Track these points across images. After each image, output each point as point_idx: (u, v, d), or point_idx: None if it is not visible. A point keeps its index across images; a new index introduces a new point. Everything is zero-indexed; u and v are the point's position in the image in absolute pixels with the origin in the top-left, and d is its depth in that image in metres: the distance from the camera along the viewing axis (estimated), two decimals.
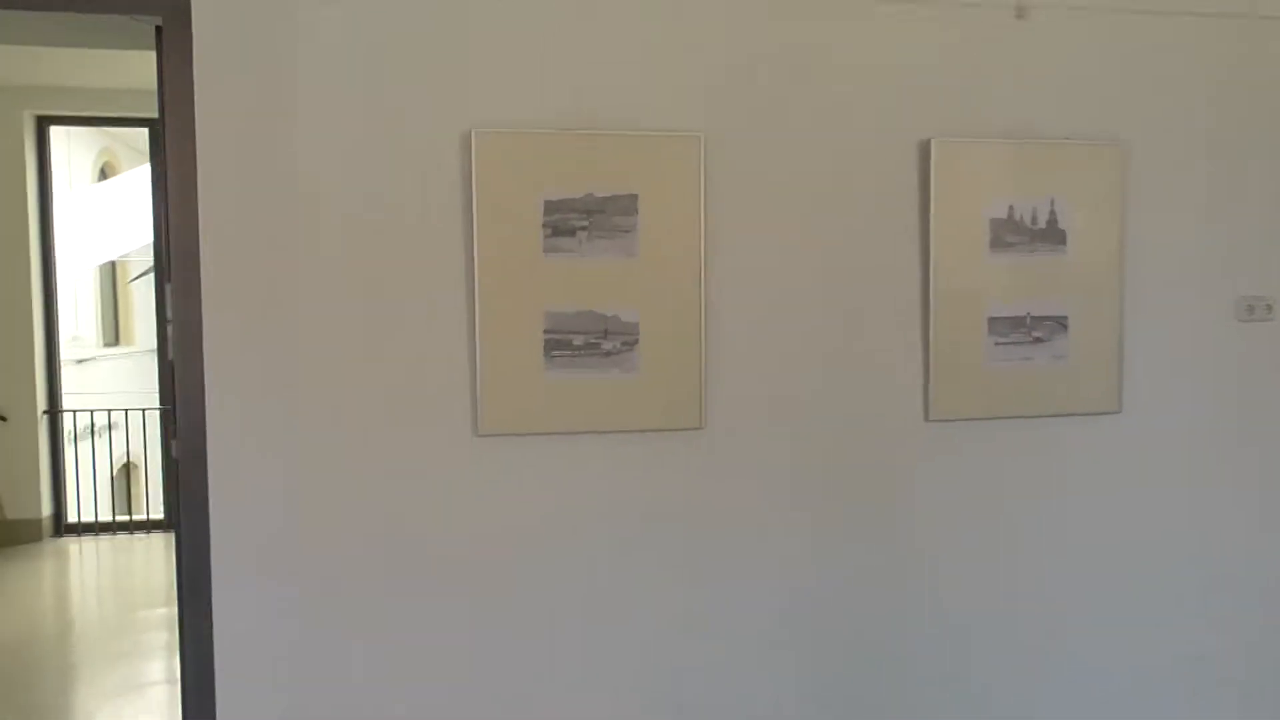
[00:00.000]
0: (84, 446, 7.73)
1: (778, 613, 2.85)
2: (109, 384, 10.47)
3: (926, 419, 2.87)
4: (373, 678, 2.66)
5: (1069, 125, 2.91)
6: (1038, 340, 2.89)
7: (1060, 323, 2.90)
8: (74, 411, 7.34)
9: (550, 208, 2.64)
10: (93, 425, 7.88)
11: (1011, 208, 2.85)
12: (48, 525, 6.99)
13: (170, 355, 2.61)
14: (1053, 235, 2.88)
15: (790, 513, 2.83)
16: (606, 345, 2.68)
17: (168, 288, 2.59)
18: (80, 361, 9.78)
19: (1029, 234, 2.87)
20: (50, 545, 6.87)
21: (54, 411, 7.08)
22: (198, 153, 2.54)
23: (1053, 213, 2.88)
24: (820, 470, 2.84)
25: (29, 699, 4.34)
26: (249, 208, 2.55)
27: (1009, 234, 2.86)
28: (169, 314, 2.60)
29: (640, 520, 2.76)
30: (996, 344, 2.87)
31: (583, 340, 2.67)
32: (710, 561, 2.80)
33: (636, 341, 2.69)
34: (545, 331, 2.65)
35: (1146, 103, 2.97)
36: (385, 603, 2.65)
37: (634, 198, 2.67)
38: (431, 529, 2.67)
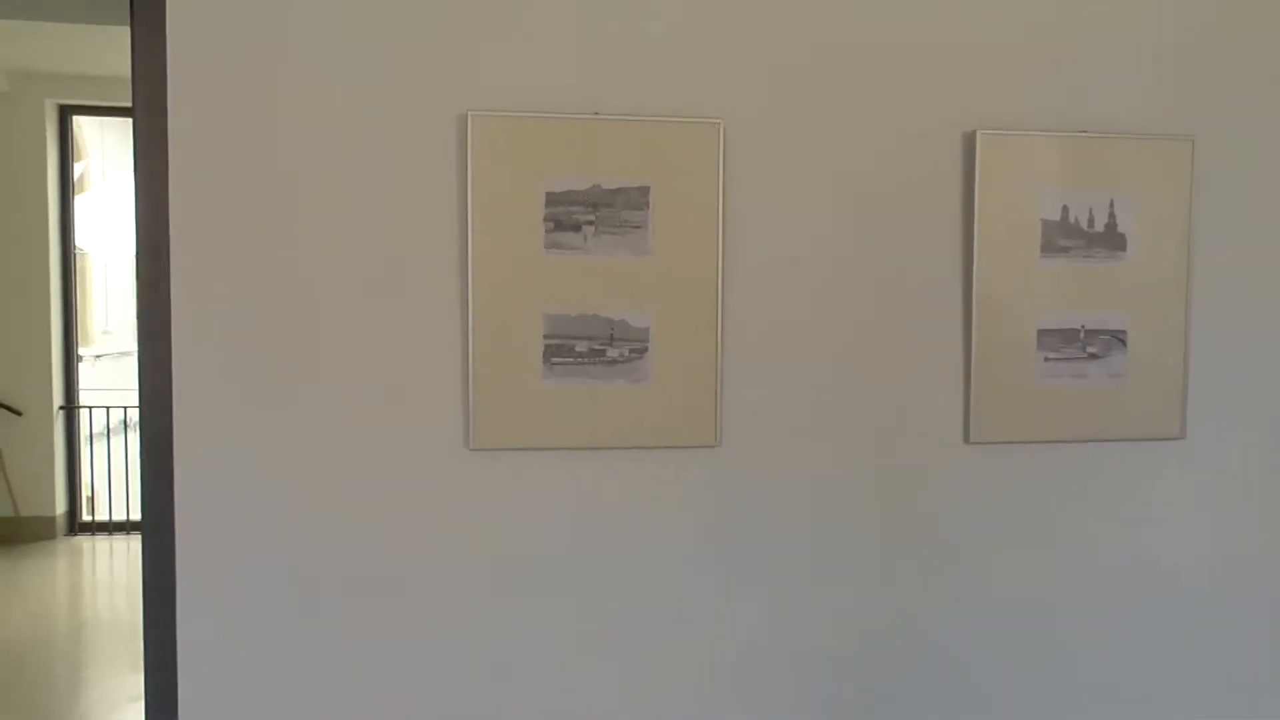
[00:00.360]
0: (115, 442, 7.60)
1: (799, 647, 2.58)
2: None
3: (966, 440, 2.60)
4: (346, 703, 2.43)
5: (1133, 117, 2.62)
6: (1093, 356, 2.61)
7: (1118, 337, 2.62)
8: (90, 408, 7.21)
9: (552, 200, 2.40)
10: (108, 421, 7.75)
11: (1066, 208, 2.58)
12: (62, 523, 6.87)
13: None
14: (1111, 239, 2.60)
15: (813, 540, 2.57)
16: (613, 352, 2.44)
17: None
18: (99, 357, 9.68)
19: (1085, 237, 2.59)
20: (64, 544, 6.75)
21: (70, 407, 6.95)
22: (169, 136, 2.33)
23: (1112, 214, 2.60)
24: (847, 495, 2.58)
25: (35, 701, 4.17)
26: (223, 196, 2.33)
27: (1062, 237, 2.58)
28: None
29: (647, 544, 2.51)
30: (1046, 359, 2.59)
31: (586, 346, 2.43)
32: (724, 591, 2.55)
33: (646, 349, 2.45)
34: (545, 336, 2.42)
35: (1221, 92, 2.67)
36: (365, 626, 2.42)
37: (645, 190, 2.43)
38: (417, 549, 2.43)
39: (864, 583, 2.60)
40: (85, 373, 7.17)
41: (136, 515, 7.40)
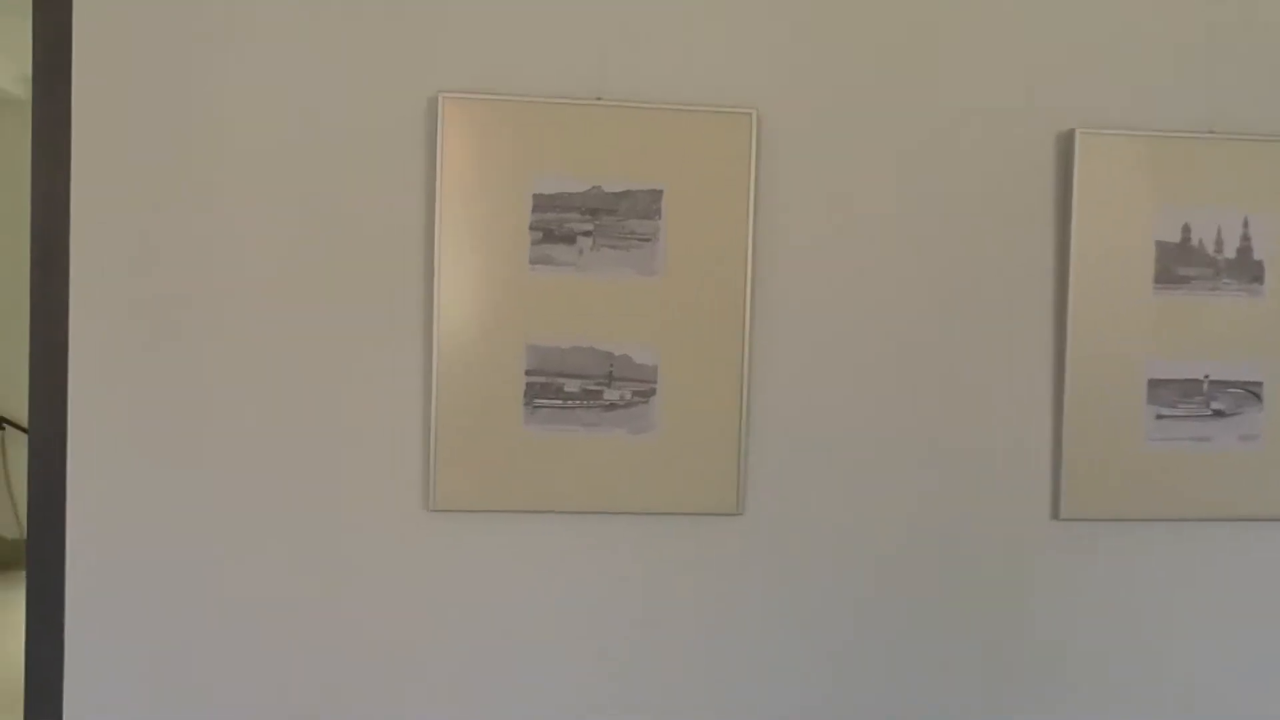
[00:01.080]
0: None
1: None
2: None
3: (1055, 516, 2.11)
4: None
5: (1273, 116, 2.14)
6: (1218, 414, 2.13)
7: (1252, 391, 2.13)
8: None
9: (542, 204, 1.97)
10: None
11: (1187, 228, 2.12)
12: None
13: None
14: (1245, 268, 2.12)
15: (857, 635, 2.09)
16: (611, 394, 2.00)
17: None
18: None
19: (1211, 265, 2.12)
20: None
21: None
22: (73, 128, 1.91)
23: (1246, 236, 2.12)
24: (901, 582, 2.09)
25: None
26: (139, 193, 1.91)
27: (1182, 264, 2.12)
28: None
29: (650, 635, 2.04)
30: (1159, 417, 2.12)
31: (579, 386, 1.99)
32: (744, 693, 2.06)
33: (653, 391, 2.00)
34: (527, 373, 1.98)
35: None
36: None
37: (658, 194, 1.99)
38: (361, 632, 1.98)
39: (920, 687, 2.10)
40: None
41: None
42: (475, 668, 2.00)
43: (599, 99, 1.98)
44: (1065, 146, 2.09)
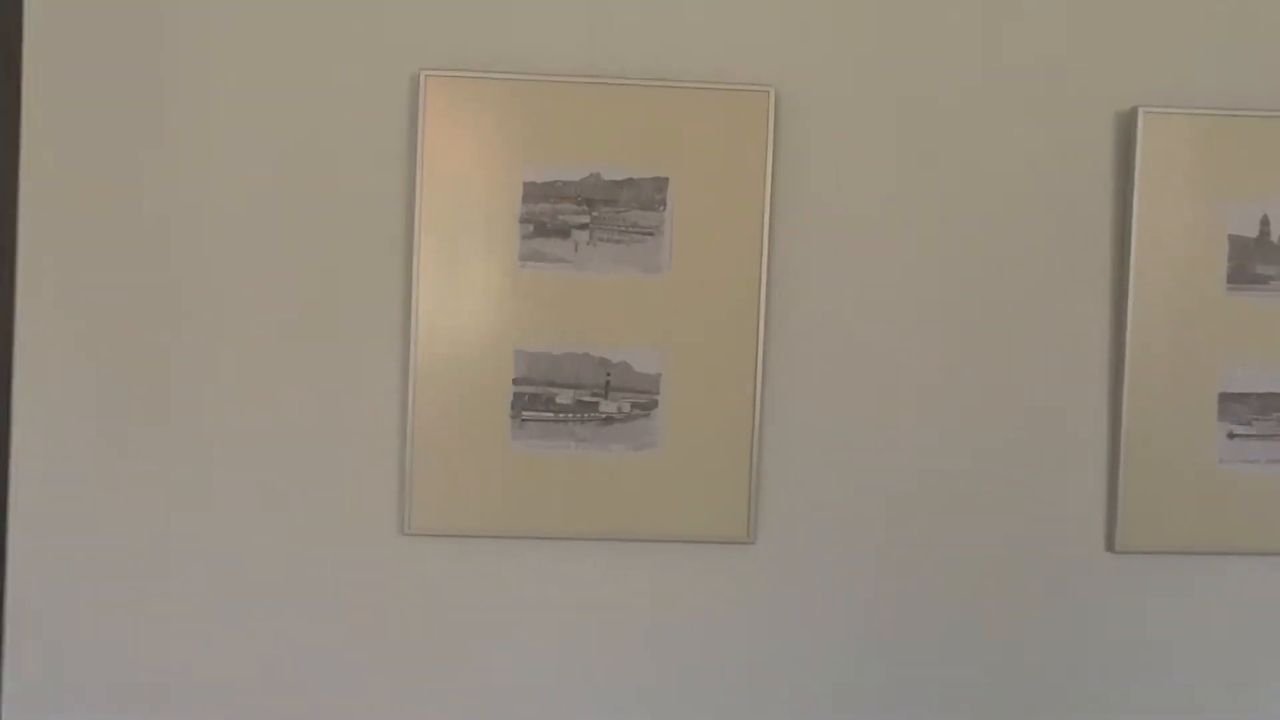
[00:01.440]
0: None
1: None
2: None
3: (1111, 548, 1.90)
4: None
5: None
6: None
7: None
8: None
9: (533, 193, 1.80)
10: None
11: (1266, 220, 1.91)
12: None
13: None
14: None
15: (878, 681, 1.89)
16: (609, 406, 1.83)
17: None
18: None
19: None
20: None
21: None
22: (23, 98, 1.76)
23: None
24: (932, 624, 1.89)
25: None
26: (94, 177, 1.76)
27: (1259, 261, 1.91)
28: None
29: (648, 676, 1.86)
30: (1231, 436, 1.91)
31: (572, 397, 1.82)
32: None
33: (656, 403, 1.83)
34: (515, 382, 1.81)
35: None
36: None
37: (663, 183, 1.82)
38: (330, 670, 1.81)
39: None
40: None
41: None
42: (453, 709, 1.83)
43: (597, 76, 1.80)
44: (1126, 127, 1.88)
